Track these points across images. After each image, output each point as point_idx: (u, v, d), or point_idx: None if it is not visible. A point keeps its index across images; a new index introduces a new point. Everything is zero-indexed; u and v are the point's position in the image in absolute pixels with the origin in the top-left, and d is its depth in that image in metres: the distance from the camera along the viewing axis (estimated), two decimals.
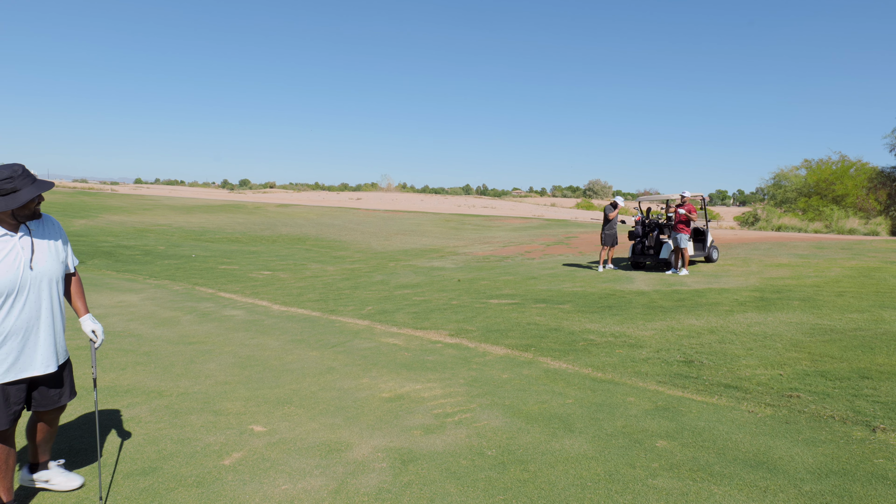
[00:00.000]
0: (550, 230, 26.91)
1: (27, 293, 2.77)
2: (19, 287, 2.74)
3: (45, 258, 2.85)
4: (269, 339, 6.99)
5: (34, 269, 2.79)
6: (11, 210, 2.70)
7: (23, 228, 2.80)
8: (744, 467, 3.53)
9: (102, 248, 18.39)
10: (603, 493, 3.23)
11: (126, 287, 11.19)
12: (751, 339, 6.62)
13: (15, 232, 2.77)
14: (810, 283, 10.52)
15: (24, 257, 2.76)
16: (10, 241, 2.74)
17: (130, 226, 26.77)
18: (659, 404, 4.67)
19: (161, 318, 8.17)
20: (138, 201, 41.77)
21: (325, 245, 22.90)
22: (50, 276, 2.88)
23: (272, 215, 35.16)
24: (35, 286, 2.80)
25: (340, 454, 3.73)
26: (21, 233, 2.79)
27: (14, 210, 2.71)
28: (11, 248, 2.73)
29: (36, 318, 2.82)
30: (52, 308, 2.91)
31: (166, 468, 3.52)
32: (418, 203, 58.48)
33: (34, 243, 2.82)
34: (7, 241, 2.73)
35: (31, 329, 2.81)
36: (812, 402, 4.66)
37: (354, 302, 9.99)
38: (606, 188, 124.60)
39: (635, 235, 14.29)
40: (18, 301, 2.74)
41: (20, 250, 2.76)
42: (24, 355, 2.81)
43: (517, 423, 4.24)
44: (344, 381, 5.30)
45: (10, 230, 2.75)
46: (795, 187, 41.34)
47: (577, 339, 6.95)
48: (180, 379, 5.31)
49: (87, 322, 3.10)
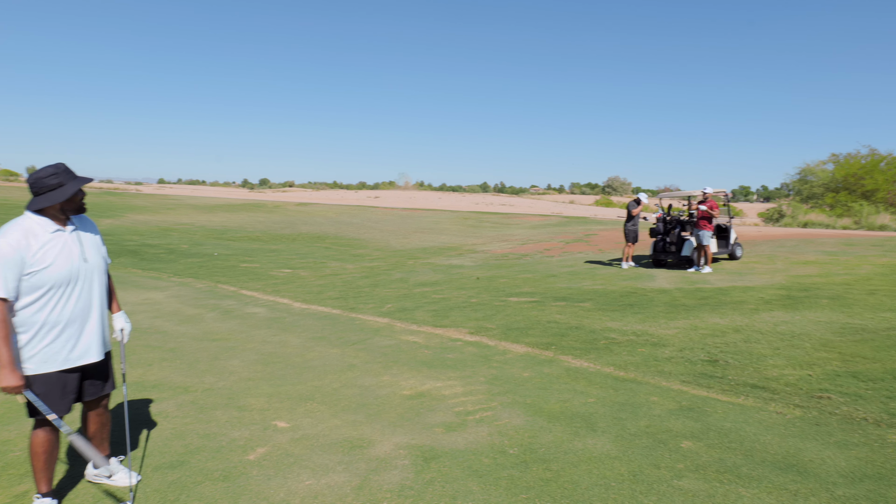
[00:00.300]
0: (569, 227, 26.72)
1: (81, 284, 2.91)
2: (75, 278, 2.88)
3: (92, 252, 3.00)
4: (291, 336, 7.05)
5: (87, 262, 2.94)
6: (60, 205, 2.85)
7: (70, 223, 2.94)
8: (773, 470, 3.46)
9: (128, 247, 18.72)
10: (627, 493, 3.20)
11: (151, 285, 11.37)
12: (778, 339, 6.49)
13: (64, 227, 2.90)
14: (840, 280, 10.29)
15: (77, 250, 2.90)
16: (63, 235, 2.88)
17: (155, 225, 27.22)
18: (683, 404, 4.60)
19: (185, 315, 8.28)
20: (162, 201, 42.45)
21: (345, 243, 23.03)
22: (99, 269, 3.03)
23: (292, 214, 35.47)
24: (87, 277, 2.94)
25: (363, 451, 3.75)
26: (70, 227, 2.93)
27: (62, 204, 2.85)
28: (65, 241, 2.87)
29: (89, 308, 2.96)
30: (102, 298, 3.06)
31: (193, 462, 3.56)
32: (436, 201, 58.51)
33: (81, 237, 2.97)
34: (60, 236, 2.86)
35: (86, 318, 2.95)
36: (843, 403, 4.56)
37: (374, 300, 10.02)
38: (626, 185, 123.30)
39: (656, 232, 14.10)
40: (75, 291, 2.88)
41: (73, 243, 2.90)
42: (81, 343, 2.93)
43: (539, 422, 4.21)
44: (365, 378, 5.32)
45: (60, 225, 2.88)
46: (822, 182, 40.39)
47: (599, 337, 6.89)
48: (205, 375, 5.38)
49: (119, 319, 3.22)
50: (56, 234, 2.84)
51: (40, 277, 2.75)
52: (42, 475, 2.96)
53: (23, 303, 2.75)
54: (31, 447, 2.92)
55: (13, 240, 2.70)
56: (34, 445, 2.92)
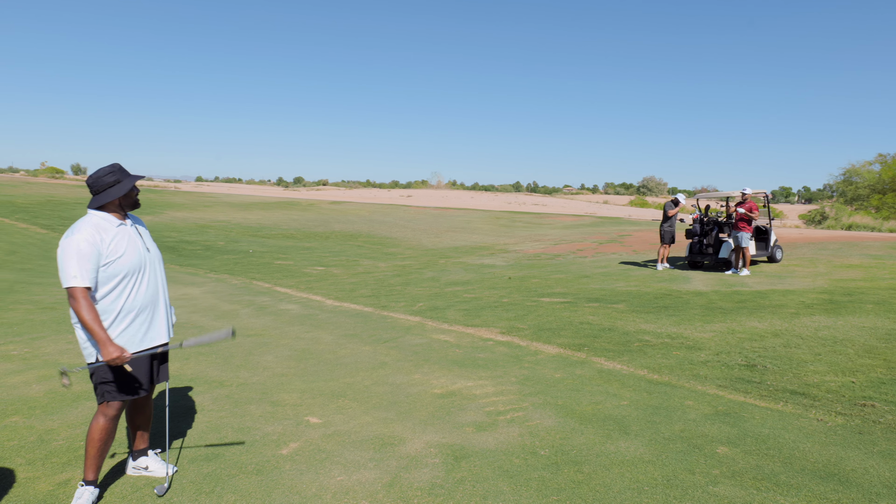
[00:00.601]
0: (603, 228, 26.37)
1: (149, 271, 3.15)
2: (143, 266, 3.12)
3: (151, 244, 3.27)
4: (324, 333, 7.14)
5: (149, 252, 3.20)
6: (118, 200, 3.07)
7: (128, 220, 3.16)
8: (812, 478, 3.36)
9: (167, 244, 19.26)
10: (661, 498, 3.14)
11: (189, 280, 11.68)
12: (819, 344, 6.29)
13: (124, 220, 3.12)
14: (885, 285, 9.90)
15: (139, 242, 3.15)
16: (126, 228, 3.11)
17: (192, 222, 27.92)
18: (719, 409, 4.50)
19: (221, 311, 8.48)
20: (199, 198, 43.52)
21: (377, 241, 23.22)
22: (159, 258, 3.30)
23: (325, 212, 35.94)
24: (152, 266, 3.19)
25: (393, 448, 3.78)
26: (129, 221, 3.16)
27: (120, 199, 3.08)
28: (129, 234, 3.10)
29: (157, 294, 3.21)
30: (165, 285, 3.32)
31: (227, 455, 3.65)
32: (468, 200, 58.48)
33: (139, 230, 3.22)
34: (124, 229, 3.09)
35: (156, 303, 3.19)
36: (888, 412, 4.39)
37: (406, 298, 10.08)
38: (661, 185, 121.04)
39: (693, 234, 13.81)
40: (144, 278, 3.12)
41: (135, 235, 3.14)
42: (154, 326, 3.18)
43: (570, 424, 4.18)
44: (396, 376, 5.36)
45: (121, 219, 3.10)
46: (868, 183, 38.93)
47: (632, 339, 6.79)
48: (240, 370, 5.50)
49: None
50: (121, 228, 3.07)
51: (116, 267, 2.98)
52: (93, 462, 3.07)
53: (101, 292, 2.97)
54: (90, 433, 3.05)
55: (88, 235, 2.92)
56: (93, 431, 3.05)
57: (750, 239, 12.36)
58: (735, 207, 12.62)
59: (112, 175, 3.04)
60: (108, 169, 3.06)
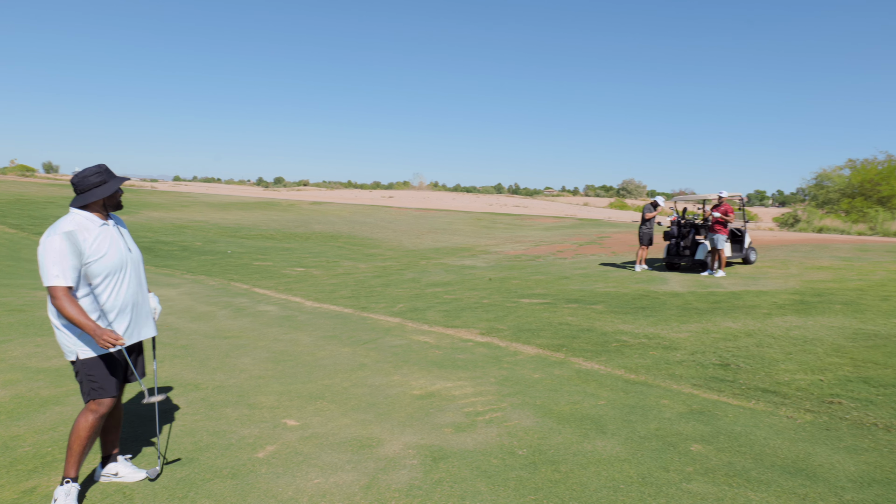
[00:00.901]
0: (583, 230, 26.60)
1: (130, 271, 3.17)
2: (125, 266, 3.14)
3: (132, 245, 3.29)
4: (302, 334, 7.10)
5: (131, 252, 3.22)
6: (103, 200, 3.10)
7: (111, 220, 3.18)
8: (782, 474, 3.44)
9: (142, 244, 18.95)
10: (636, 496, 3.19)
11: (164, 281, 11.51)
12: (790, 343, 6.43)
13: (106, 220, 3.14)
14: (853, 286, 10.16)
15: (121, 242, 3.18)
16: (108, 228, 3.13)
17: (169, 222, 27.51)
18: (693, 407, 4.58)
19: (198, 313, 8.38)
20: (176, 198, 42.89)
21: (358, 242, 23.12)
22: (140, 258, 3.34)
23: (306, 213, 35.68)
24: (134, 266, 3.22)
25: (372, 450, 3.77)
26: (111, 221, 3.18)
27: (105, 200, 3.11)
28: (112, 233, 3.13)
29: (139, 292, 3.25)
30: (145, 285, 3.36)
31: (202, 459, 3.61)
32: (450, 202, 58.53)
33: (121, 230, 3.25)
34: (107, 229, 3.12)
35: (137, 301, 3.23)
36: (854, 408, 4.51)
37: (386, 299, 10.06)
38: (640, 188, 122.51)
39: (670, 236, 14.02)
40: (126, 278, 3.14)
41: (117, 235, 3.17)
42: (135, 324, 3.22)
43: (548, 424, 4.21)
44: (375, 377, 5.35)
45: (104, 219, 3.13)
46: (838, 188, 39.89)
47: (610, 339, 6.87)
48: (216, 372, 5.44)
49: (153, 298, 3.50)
50: (103, 228, 3.09)
51: (97, 266, 2.99)
52: (78, 459, 3.05)
53: (84, 291, 2.98)
54: (77, 429, 3.03)
55: (70, 234, 2.93)
56: (80, 428, 3.02)
57: (725, 241, 12.59)
58: (711, 211, 12.84)
59: (98, 175, 3.07)
60: (94, 169, 3.09)
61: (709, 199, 14.41)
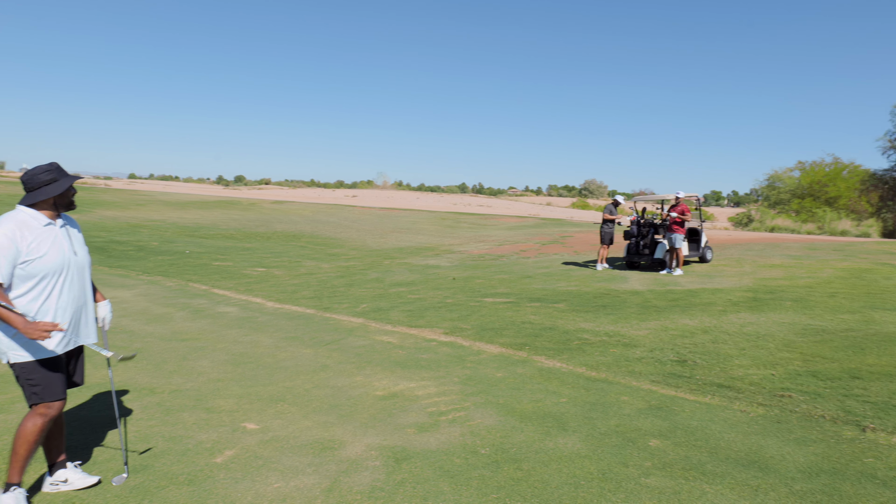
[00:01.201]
0: (546, 229, 26.93)
1: (72, 274, 3.07)
2: (67, 268, 3.04)
3: (80, 247, 3.20)
4: (263, 336, 6.97)
5: (76, 255, 3.12)
6: (53, 199, 3.02)
7: (60, 220, 3.10)
8: (735, 466, 3.55)
9: (95, 244, 18.28)
10: (596, 491, 3.24)
11: (118, 283, 11.13)
12: (744, 339, 6.65)
13: (54, 221, 3.07)
14: (803, 283, 10.58)
15: (67, 244, 3.08)
16: (54, 229, 3.04)
17: (124, 221, 26.63)
18: (652, 403, 4.69)
19: (153, 315, 8.13)
20: (132, 196, 41.56)
21: (320, 242, 22.84)
22: (87, 263, 3.23)
23: (267, 212, 35.06)
24: (78, 269, 3.12)
25: (333, 452, 3.73)
26: (60, 221, 3.10)
27: (55, 199, 3.03)
28: (56, 234, 3.04)
29: (81, 297, 3.15)
30: (91, 290, 3.26)
31: (157, 466, 3.50)
32: (414, 201, 58.44)
33: (70, 232, 3.15)
34: (52, 229, 3.03)
35: (79, 306, 3.13)
36: (803, 401, 4.69)
37: (349, 299, 9.97)
38: (602, 188, 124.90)
39: (630, 235, 14.33)
40: (67, 281, 3.04)
41: (63, 237, 3.07)
42: (75, 328, 3.12)
43: (511, 422, 4.24)
44: (338, 378, 5.29)
45: (51, 219, 3.05)
46: (789, 189, 41.56)
47: (572, 338, 6.96)
48: (172, 376, 5.29)
49: (103, 307, 3.40)
50: (48, 228, 3.00)
51: (35, 267, 2.90)
52: (22, 464, 2.94)
53: (20, 291, 2.90)
54: (24, 433, 2.93)
55: (8, 230, 2.85)
56: (27, 432, 2.92)
57: (683, 240, 12.93)
58: (668, 211, 13.17)
59: (49, 174, 3.00)
60: (45, 167, 3.02)
61: (667, 199, 14.78)
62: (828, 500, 3.14)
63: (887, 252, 15.92)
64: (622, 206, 14.44)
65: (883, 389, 4.87)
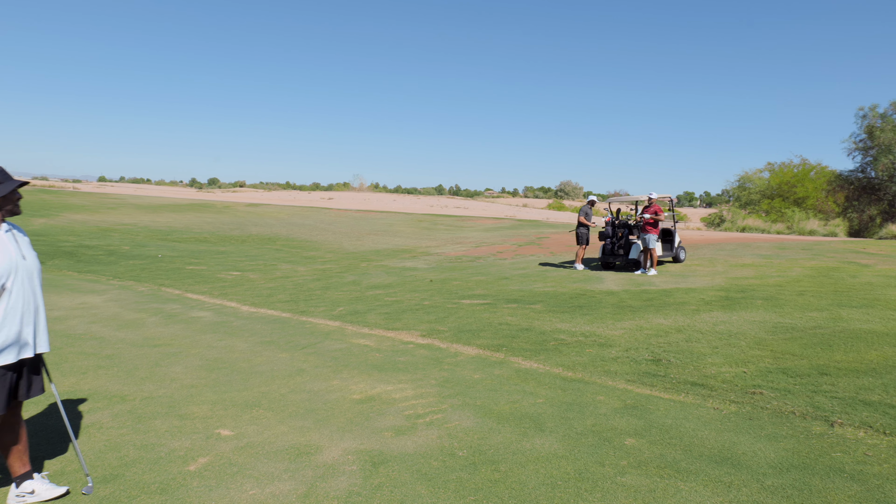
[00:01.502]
0: (522, 230, 27.09)
1: (22, 280, 3.00)
2: (14, 273, 2.97)
3: (28, 253, 3.12)
4: (238, 340, 6.87)
5: (25, 259, 3.05)
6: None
7: (5, 225, 3.02)
8: (709, 463, 3.61)
9: (63, 248, 17.83)
10: (573, 491, 3.26)
11: (88, 288, 10.87)
12: (716, 338, 6.77)
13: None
14: (773, 282, 10.82)
15: (14, 248, 3.01)
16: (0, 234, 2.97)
17: (93, 225, 26.01)
18: (628, 402, 4.74)
19: (125, 320, 7.95)
20: (102, 200, 40.62)
21: (296, 245, 22.62)
22: (37, 268, 3.14)
23: (242, 215, 34.60)
24: (28, 275, 3.04)
25: (310, 457, 3.69)
26: (5, 226, 3.01)
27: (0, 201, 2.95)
28: (2, 238, 2.97)
29: (33, 303, 3.06)
30: (40, 296, 3.15)
31: (128, 475, 3.42)
32: (391, 203, 58.25)
33: (16, 236, 3.08)
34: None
35: (30, 312, 3.04)
36: (774, 398, 4.79)
37: (325, 303, 9.89)
38: (577, 189, 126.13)
39: (605, 236, 14.49)
40: (16, 286, 2.97)
41: (9, 241, 3.01)
42: (27, 336, 3.03)
43: (488, 424, 4.25)
44: (314, 382, 5.23)
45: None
46: (759, 189, 42.45)
47: (548, 338, 7.01)
48: (144, 383, 5.18)
49: None
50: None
51: None
52: None
53: None
54: None
55: None
56: None
57: (657, 241, 13.12)
58: (641, 213, 13.36)
59: None
60: None
61: (641, 200, 14.98)
62: (798, 495, 3.21)
63: (853, 251, 16.38)
64: (596, 204, 14.60)
65: (850, 385, 5.00)
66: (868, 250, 16.53)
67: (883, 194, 34.77)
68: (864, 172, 36.59)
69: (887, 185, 34.12)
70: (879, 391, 4.82)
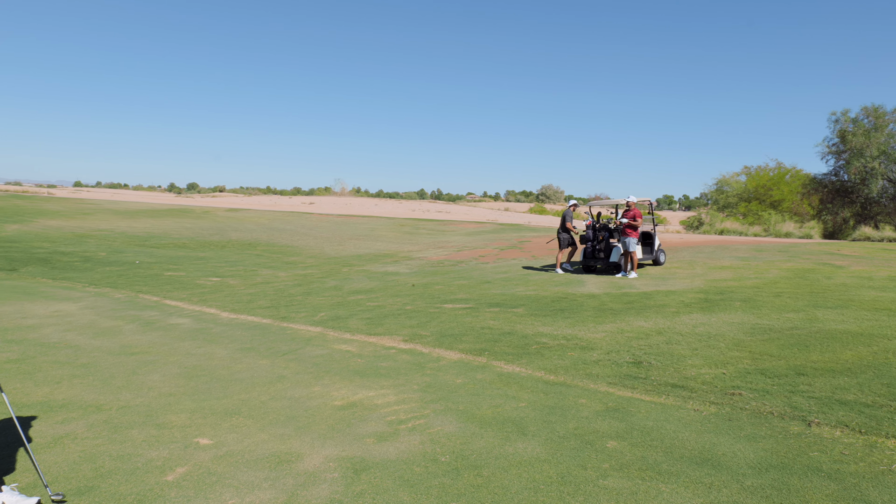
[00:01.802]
0: (504, 234, 27.17)
1: None
2: None
3: None
4: (218, 347, 6.77)
5: None
6: None
7: None
8: (690, 465, 3.64)
9: (37, 255, 17.45)
10: (555, 495, 3.26)
11: (63, 295, 10.64)
12: (696, 340, 6.84)
13: None
14: (751, 284, 10.98)
15: None
16: None
17: (69, 231, 25.50)
18: (609, 405, 4.76)
19: (101, 328, 7.80)
20: (77, 205, 39.85)
21: (277, 250, 22.41)
22: None
23: (221, 220, 34.20)
24: None
25: (290, 465, 3.64)
26: None
27: None
28: None
29: None
30: None
31: (104, 487, 3.34)
32: (372, 207, 58.03)
33: None
34: None
35: None
36: (753, 399, 4.85)
37: (307, 308, 9.80)
38: (559, 193, 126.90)
39: (586, 239, 14.59)
40: None
41: None
42: None
43: (471, 428, 4.24)
44: (295, 389, 5.18)
45: None
46: (736, 192, 43.16)
47: (530, 342, 7.03)
48: (121, 391, 5.07)
49: None
50: None
51: None
52: None
53: None
54: None
55: None
56: None
57: (637, 244, 13.24)
58: (621, 217, 13.49)
59: None
60: None
61: (621, 204, 15.14)
62: (777, 495, 3.25)
63: (828, 252, 16.72)
64: (577, 208, 14.73)
65: (826, 385, 5.09)
66: (842, 252, 16.88)
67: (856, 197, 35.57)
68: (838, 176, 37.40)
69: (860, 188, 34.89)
70: (855, 391, 4.91)
